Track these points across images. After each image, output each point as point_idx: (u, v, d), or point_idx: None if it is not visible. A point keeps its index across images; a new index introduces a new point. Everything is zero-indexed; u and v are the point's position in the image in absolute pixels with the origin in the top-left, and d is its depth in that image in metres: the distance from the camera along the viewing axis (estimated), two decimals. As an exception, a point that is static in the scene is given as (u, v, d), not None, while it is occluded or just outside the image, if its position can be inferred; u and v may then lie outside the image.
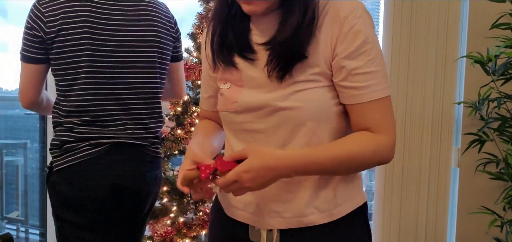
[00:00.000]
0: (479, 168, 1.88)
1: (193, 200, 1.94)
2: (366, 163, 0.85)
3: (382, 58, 0.84)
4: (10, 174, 3.82)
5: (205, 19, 1.91)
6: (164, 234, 1.78)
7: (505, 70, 1.64)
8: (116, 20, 1.34)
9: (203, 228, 1.79)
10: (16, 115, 4.11)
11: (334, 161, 0.81)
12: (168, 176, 1.91)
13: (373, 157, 0.84)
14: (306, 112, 0.84)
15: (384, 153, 0.84)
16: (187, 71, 1.85)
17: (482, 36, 1.94)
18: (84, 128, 1.33)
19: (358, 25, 0.82)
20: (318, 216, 0.87)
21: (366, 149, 0.83)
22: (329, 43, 0.83)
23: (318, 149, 0.83)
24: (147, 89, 1.40)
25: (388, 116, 0.84)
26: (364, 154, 0.83)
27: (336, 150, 0.83)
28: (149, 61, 1.39)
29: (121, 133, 1.37)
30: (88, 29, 1.29)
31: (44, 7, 1.29)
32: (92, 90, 1.32)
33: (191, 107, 1.84)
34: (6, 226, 3.66)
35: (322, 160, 0.81)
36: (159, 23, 1.41)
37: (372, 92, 0.82)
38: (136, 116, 1.39)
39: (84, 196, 1.34)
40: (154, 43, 1.40)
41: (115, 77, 1.34)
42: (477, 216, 1.93)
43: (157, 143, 1.45)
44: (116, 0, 1.35)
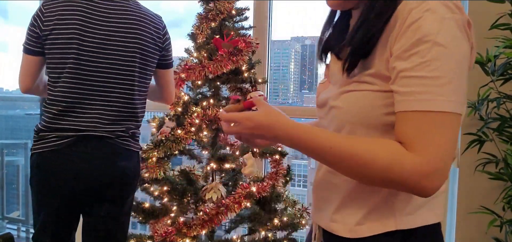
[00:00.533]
0: (479, 168, 1.88)
1: (193, 200, 1.94)
2: (375, 171, 0.70)
3: (446, 64, 0.67)
4: (11, 174, 3.82)
5: (205, 20, 1.91)
6: (164, 234, 1.79)
7: (505, 70, 1.65)
8: (104, 25, 1.52)
9: (203, 228, 1.80)
10: (16, 115, 4.12)
11: (331, 150, 0.73)
12: (168, 176, 1.91)
13: (387, 169, 0.69)
14: (346, 115, 0.78)
15: (406, 172, 0.67)
16: (187, 72, 1.85)
17: (482, 37, 1.94)
18: (57, 118, 1.50)
19: (421, 19, 0.68)
20: (341, 227, 0.82)
21: (378, 155, 0.69)
22: (388, 41, 0.72)
23: (322, 132, 0.76)
24: (123, 90, 1.56)
25: (431, 135, 0.67)
26: (373, 159, 0.69)
27: (339, 140, 0.73)
28: (128, 65, 1.55)
29: (88, 126, 1.52)
30: (78, 31, 1.48)
31: (45, 8, 1.50)
32: (72, 85, 1.50)
33: (191, 108, 1.84)
34: (6, 226, 3.66)
35: (319, 144, 0.74)
36: (144, 32, 1.58)
37: (413, 101, 0.68)
38: (108, 112, 1.54)
39: (51, 183, 1.51)
40: (136, 50, 1.56)
41: (95, 76, 1.51)
42: (476, 216, 1.93)
43: (126, 137, 1.59)
44: (106, 7, 1.54)
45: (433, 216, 0.81)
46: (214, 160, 1.99)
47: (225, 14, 1.93)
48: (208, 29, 1.92)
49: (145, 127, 2.18)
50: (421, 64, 0.68)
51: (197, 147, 2.05)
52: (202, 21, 1.92)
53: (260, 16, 2.53)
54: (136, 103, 1.60)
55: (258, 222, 1.93)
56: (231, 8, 1.95)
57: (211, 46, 1.89)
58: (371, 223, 0.79)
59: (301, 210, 2.02)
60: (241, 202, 1.81)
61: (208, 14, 1.90)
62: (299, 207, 2.03)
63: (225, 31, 1.90)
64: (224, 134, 2.03)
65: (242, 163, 1.88)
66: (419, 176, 0.67)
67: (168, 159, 1.90)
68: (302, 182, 4.77)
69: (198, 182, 2.00)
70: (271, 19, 2.56)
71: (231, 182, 2.07)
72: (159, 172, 1.83)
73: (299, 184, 4.71)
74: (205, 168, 2.04)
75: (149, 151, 1.77)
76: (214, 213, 1.80)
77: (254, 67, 1.99)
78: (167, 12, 4.39)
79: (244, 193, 1.82)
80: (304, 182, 4.76)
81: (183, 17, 4.32)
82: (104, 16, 1.52)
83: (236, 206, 1.80)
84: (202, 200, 1.89)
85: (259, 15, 2.53)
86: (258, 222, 1.93)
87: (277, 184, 1.94)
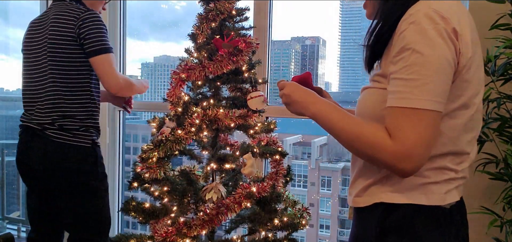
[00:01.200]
0: (479, 168, 1.88)
1: (193, 201, 1.94)
2: (362, 146, 0.89)
3: (423, 69, 0.81)
4: (11, 174, 3.82)
5: (205, 20, 1.91)
6: (164, 234, 1.79)
7: (505, 70, 1.65)
8: (45, 27, 1.83)
9: (204, 228, 1.80)
10: (17, 115, 4.11)
11: (336, 125, 0.93)
12: (169, 176, 1.91)
13: (372, 147, 0.87)
14: (359, 108, 0.98)
15: (387, 154, 0.84)
16: (187, 72, 1.86)
17: (482, 37, 1.93)
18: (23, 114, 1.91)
19: (406, 30, 0.83)
20: (349, 199, 1.05)
21: (364, 134, 0.88)
22: (392, 47, 0.87)
23: (335, 110, 0.96)
24: (46, 85, 1.82)
25: (407, 127, 0.82)
26: (359, 137, 0.89)
27: (342, 118, 0.93)
28: (42, 63, 1.81)
29: (30, 119, 1.84)
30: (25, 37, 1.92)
31: None
32: (24, 85, 1.90)
33: (191, 108, 1.84)
34: (7, 226, 3.67)
35: (330, 118, 0.95)
36: (52, 29, 1.79)
37: (394, 99, 0.84)
38: (43, 107, 1.81)
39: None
40: (45, 45, 1.80)
41: (30, 75, 1.86)
42: (476, 216, 1.93)
43: (56, 129, 1.80)
44: (47, 14, 1.87)
45: (424, 199, 0.92)
46: (214, 160, 1.99)
47: (225, 15, 1.93)
48: (208, 30, 1.92)
49: (146, 127, 2.18)
50: (404, 68, 0.83)
51: (197, 147, 2.05)
52: (202, 22, 1.91)
53: (260, 16, 2.53)
54: (61, 95, 1.80)
55: (258, 222, 1.93)
56: (231, 8, 1.95)
57: (211, 46, 1.89)
58: (367, 197, 0.98)
59: (301, 210, 2.02)
60: (241, 202, 1.81)
61: (208, 15, 1.90)
62: (299, 207, 2.03)
63: (225, 32, 1.90)
64: (224, 133, 2.03)
65: (242, 163, 1.88)
66: (396, 159, 0.83)
67: (168, 159, 1.90)
68: (302, 182, 4.77)
69: (198, 182, 2.00)
70: (271, 20, 2.56)
71: (231, 182, 2.07)
72: (159, 172, 1.83)
73: (299, 184, 4.71)
74: (205, 168, 2.04)
75: (149, 151, 1.77)
76: (214, 213, 1.80)
77: (254, 68, 1.99)
78: (166, 12, 4.38)
79: (244, 193, 1.82)
80: (304, 182, 4.76)
81: (182, 18, 4.33)
82: (41, 22, 1.86)
83: (236, 206, 1.80)
84: (202, 200, 1.89)
85: (259, 15, 2.53)
86: (258, 222, 1.93)
87: (278, 184, 1.94)
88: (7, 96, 4.05)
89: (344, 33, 6.46)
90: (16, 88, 4.09)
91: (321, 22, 6.28)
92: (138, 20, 2.98)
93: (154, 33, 4.97)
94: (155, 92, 4.27)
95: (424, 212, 0.92)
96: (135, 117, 3.86)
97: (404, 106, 0.82)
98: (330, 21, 7.10)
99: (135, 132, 3.90)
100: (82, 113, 1.86)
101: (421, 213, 0.92)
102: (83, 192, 1.86)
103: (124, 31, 3.02)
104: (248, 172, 1.83)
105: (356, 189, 1.02)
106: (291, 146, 5.97)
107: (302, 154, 5.74)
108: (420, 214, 0.92)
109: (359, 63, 5.37)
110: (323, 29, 8.59)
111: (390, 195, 0.94)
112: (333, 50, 6.00)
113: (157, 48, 5.70)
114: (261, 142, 1.95)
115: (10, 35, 3.91)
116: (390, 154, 0.84)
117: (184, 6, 5.07)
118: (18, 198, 3.76)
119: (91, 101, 1.91)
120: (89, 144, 1.87)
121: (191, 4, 2.11)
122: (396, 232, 0.93)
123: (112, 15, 2.94)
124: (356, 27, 6.12)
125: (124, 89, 1.94)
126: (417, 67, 0.81)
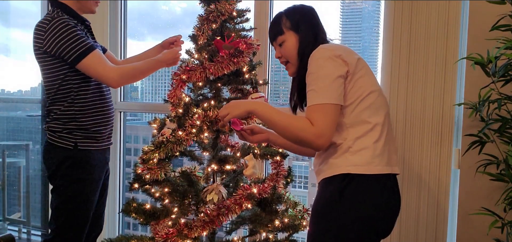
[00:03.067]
0: (480, 169, 1.88)
1: (193, 202, 1.94)
2: (295, 130, 1.31)
3: (316, 83, 1.31)
4: (12, 175, 3.83)
5: (206, 21, 1.91)
6: (165, 235, 1.79)
7: (506, 71, 1.64)
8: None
9: (204, 229, 1.80)
10: (18, 117, 4.12)
11: (272, 119, 1.37)
12: (169, 177, 1.91)
13: (301, 130, 1.29)
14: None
15: (307, 135, 1.29)
16: (188, 73, 1.86)
17: (482, 38, 1.94)
18: None
19: (308, 63, 1.37)
20: (319, 174, 1.43)
21: (293, 124, 1.32)
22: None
23: (272, 108, 1.39)
24: (46, 93, 1.97)
25: (319, 117, 1.28)
26: (287, 127, 1.33)
27: (276, 113, 1.37)
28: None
29: None
30: None
31: None
32: None
33: (192, 109, 1.85)
34: (8, 228, 3.67)
35: (270, 113, 1.38)
36: (34, 39, 1.88)
37: (310, 101, 1.32)
38: (46, 109, 1.99)
39: None
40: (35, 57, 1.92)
41: None
42: (477, 217, 1.93)
43: (47, 129, 1.96)
44: None
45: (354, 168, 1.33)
46: (215, 161, 1.99)
47: (226, 16, 1.94)
48: (209, 31, 1.92)
49: (147, 128, 2.18)
50: (309, 85, 1.34)
51: (198, 148, 2.05)
52: (203, 23, 1.92)
53: (261, 18, 2.53)
54: (49, 99, 1.95)
55: (259, 223, 1.93)
56: (232, 9, 1.95)
57: (212, 47, 1.90)
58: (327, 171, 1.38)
59: (302, 211, 2.01)
60: (242, 203, 1.81)
61: (209, 16, 1.91)
62: (300, 208, 2.03)
63: (226, 33, 1.90)
64: (224, 134, 2.04)
65: (243, 165, 1.88)
66: (315, 137, 1.28)
67: (169, 160, 1.90)
68: (303, 183, 4.76)
69: (199, 183, 2.00)
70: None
71: (232, 183, 2.07)
72: (160, 173, 1.83)
73: (300, 185, 4.71)
74: (206, 169, 2.04)
75: (150, 152, 1.77)
76: (215, 214, 1.80)
77: (255, 69, 1.99)
78: (164, 13, 4.39)
79: (245, 194, 1.82)
80: (305, 183, 4.76)
81: (180, 18, 4.32)
82: None
83: (237, 207, 1.80)
84: (203, 201, 1.89)
85: (260, 17, 2.54)
86: (259, 223, 1.93)
87: (278, 185, 1.94)
88: (7, 98, 4.06)
89: (345, 34, 6.48)
90: (16, 89, 4.10)
91: (322, 22, 6.29)
92: (135, 21, 2.98)
93: (152, 33, 5.02)
94: (156, 93, 4.27)
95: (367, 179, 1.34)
96: (135, 118, 3.87)
97: (314, 104, 1.30)
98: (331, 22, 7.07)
99: (136, 133, 3.90)
100: (65, 116, 1.91)
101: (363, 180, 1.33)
102: (56, 188, 1.95)
103: (125, 32, 3.02)
104: (250, 174, 1.83)
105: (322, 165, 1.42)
106: (292, 147, 5.95)
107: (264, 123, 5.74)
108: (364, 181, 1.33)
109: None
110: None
111: (342, 168, 1.34)
112: (334, 51, 6.00)
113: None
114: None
115: (10, 37, 3.91)
116: (312, 134, 1.28)
117: (182, 7, 5.05)
118: (19, 199, 3.76)
119: (75, 105, 1.91)
120: (71, 146, 1.92)
121: (189, 5, 2.12)
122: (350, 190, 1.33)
123: (113, 16, 2.94)
124: (357, 28, 6.13)
125: (124, 80, 1.94)
126: (314, 82, 1.32)
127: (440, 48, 2.12)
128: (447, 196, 2.17)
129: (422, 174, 2.18)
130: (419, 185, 2.19)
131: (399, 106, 2.18)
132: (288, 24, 1.49)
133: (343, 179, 1.32)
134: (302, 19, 1.48)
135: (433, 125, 2.15)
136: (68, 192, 1.93)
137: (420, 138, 2.17)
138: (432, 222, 2.18)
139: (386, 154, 1.37)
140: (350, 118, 1.35)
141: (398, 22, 2.17)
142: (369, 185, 1.32)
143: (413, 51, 2.15)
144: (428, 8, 2.12)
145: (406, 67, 2.17)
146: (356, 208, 1.31)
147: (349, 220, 1.30)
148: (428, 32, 2.13)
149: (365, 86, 1.36)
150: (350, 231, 1.30)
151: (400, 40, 2.17)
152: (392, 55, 2.19)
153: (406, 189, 2.21)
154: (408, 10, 2.15)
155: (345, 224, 1.31)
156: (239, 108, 1.46)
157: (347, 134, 1.35)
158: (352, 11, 6.45)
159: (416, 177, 2.19)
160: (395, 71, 2.18)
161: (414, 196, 2.20)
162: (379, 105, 1.38)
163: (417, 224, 2.21)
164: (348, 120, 1.35)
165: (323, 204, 1.37)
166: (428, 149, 2.16)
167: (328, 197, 1.35)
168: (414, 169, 2.19)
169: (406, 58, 2.16)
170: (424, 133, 2.16)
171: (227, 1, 1.94)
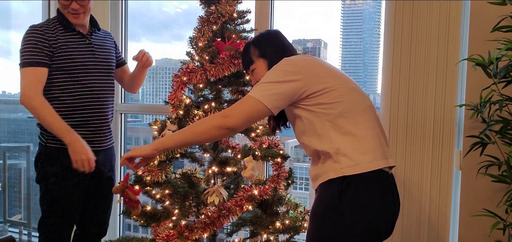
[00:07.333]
0: (481, 170, 1.87)
1: (194, 203, 1.94)
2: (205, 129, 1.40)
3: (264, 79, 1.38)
4: (13, 177, 3.83)
5: (207, 23, 1.91)
6: (166, 237, 1.79)
7: (507, 73, 1.64)
8: None
9: (205, 231, 1.80)
10: (19, 118, 4.13)
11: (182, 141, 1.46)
12: (170, 179, 1.91)
13: (208, 122, 1.40)
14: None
15: (216, 119, 1.39)
16: (188, 75, 1.86)
17: (484, 39, 1.93)
18: None
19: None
20: (316, 180, 1.42)
21: (203, 123, 1.44)
22: None
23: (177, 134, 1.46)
24: None
25: (236, 104, 1.38)
26: (199, 125, 1.45)
27: (182, 132, 1.45)
28: None
29: None
30: None
31: None
32: None
33: (192, 111, 1.85)
34: (8, 229, 3.67)
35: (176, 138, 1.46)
36: None
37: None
38: None
39: None
40: None
41: None
42: (479, 218, 1.93)
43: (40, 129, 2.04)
44: None
45: (350, 169, 1.32)
46: (216, 163, 1.99)
47: (226, 17, 1.94)
48: (210, 32, 1.92)
49: (147, 130, 2.18)
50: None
51: (198, 150, 2.05)
52: (204, 24, 1.92)
53: (261, 19, 2.53)
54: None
55: (260, 225, 1.93)
56: (232, 11, 1.95)
57: (213, 49, 1.89)
58: (322, 176, 1.38)
59: (303, 213, 2.01)
60: (243, 205, 1.81)
61: (210, 17, 1.91)
62: (301, 210, 2.02)
63: (227, 34, 1.90)
64: None
65: (243, 166, 1.88)
66: (221, 117, 1.37)
67: (169, 162, 1.90)
68: (304, 185, 4.76)
69: (199, 185, 2.00)
70: (272, 22, 2.56)
71: (232, 185, 2.07)
72: (161, 175, 1.83)
73: (301, 187, 4.70)
74: (207, 171, 2.04)
75: (150, 154, 1.77)
76: (216, 216, 1.79)
77: (255, 70, 1.99)
78: (158, 13, 4.39)
79: (246, 196, 1.81)
80: (306, 185, 4.75)
81: (174, 18, 4.33)
82: None
83: (237, 209, 1.80)
84: (204, 203, 1.89)
85: (260, 18, 2.53)
86: (260, 225, 1.93)
87: (279, 187, 1.94)
88: (9, 99, 4.06)
89: (345, 35, 6.47)
90: (17, 91, 4.10)
91: (322, 23, 6.36)
92: (130, 21, 2.98)
93: (146, 34, 5.07)
94: (157, 95, 4.26)
95: (359, 179, 1.34)
96: (136, 120, 3.86)
97: (247, 95, 1.37)
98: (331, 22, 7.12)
99: (137, 135, 3.90)
100: None
101: (358, 181, 1.34)
102: (38, 181, 2.08)
103: (125, 33, 3.02)
104: (249, 175, 1.83)
105: (317, 172, 1.42)
106: (293, 148, 5.97)
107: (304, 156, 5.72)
108: (360, 182, 1.33)
109: (360, 65, 5.35)
110: (324, 31, 8.58)
111: (337, 171, 1.34)
112: (334, 52, 5.98)
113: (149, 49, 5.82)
114: (262, 144, 1.95)
115: (11, 39, 3.92)
116: (219, 116, 1.38)
117: (174, 7, 5.08)
118: (20, 201, 3.76)
119: (53, 104, 1.91)
120: (43, 143, 2.02)
121: (183, 5, 2.11)
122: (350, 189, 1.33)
123: (113, 17, 2.94)
124: (357, 28, 6.12)
125: (31, 110, 1.92)
126: (263, 78, 1.40)
127: (441, 49, 2.11)
128: (448, 197, 2.16)
129: (424, 175, 2.17)
130: (420, 186, 2.18)
131: (400, 108, 2.18)
132: (257, 53, 1.55)
133: (341, 182, 1.32)
134: (268, 44, 1.54)
135: (434, 126, 2.14)
136: (43, 185, 2.05)
137: (421, 139, 2.17)
138: (433, 223, 2.18)
139: (379, 148, 1.37)
140: (334, 124, 1.36)
141: (399, 23, 2.16)
142: (368, 187, 1.32)
143: (414, 52, 2.15)
144: (429, 9, 2.12)
145: (407, 69, 2.16)
146: (356, 212, 1.30)
147: (350, 224, 1.30)
148: (429, 33, 2.12)
149: (339, 90, 1.37)
150: (351, 235, 1.30)
151: (401, 41, 2.17)
152: (393, 56, 2.18)
153: (407, 190, 2.21)
154: (409, 11, 2.15)
155: (346, 228, 1.30)
156: (144, 149, 1.48)
157: (335, 139, 1.36)
158: (353, 12, 6.43)
159: (417, 178, 2.19)
160: (396, 72, 2.18)
161: (415, 197, 2.20)
162: (358, 102, 1.40)
163: (418, 226, 2.20)
164: (332, 126, 1.36)
165: (324, 208, 1.36)
166: (429, 150, 2.16)
167: (328, 200, 1.34)
168: (415, 170, 2.19)
169: (407, 60, 2.16)
170: (425, 134, 2.16)
171: (228, 2, 1.94)
